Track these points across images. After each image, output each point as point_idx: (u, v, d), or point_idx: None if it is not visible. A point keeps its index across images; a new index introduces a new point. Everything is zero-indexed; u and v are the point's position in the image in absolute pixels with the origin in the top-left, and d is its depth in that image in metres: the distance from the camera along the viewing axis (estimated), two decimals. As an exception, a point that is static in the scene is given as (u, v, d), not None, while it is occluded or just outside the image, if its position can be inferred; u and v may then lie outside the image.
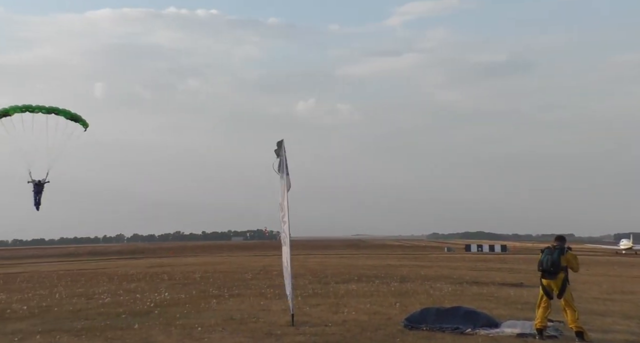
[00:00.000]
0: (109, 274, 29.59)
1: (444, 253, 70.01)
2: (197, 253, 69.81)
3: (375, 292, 17.97)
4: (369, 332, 10.85)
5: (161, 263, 43.48)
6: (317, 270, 29.36)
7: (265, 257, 52.33)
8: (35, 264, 49.16)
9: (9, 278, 28.24)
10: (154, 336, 10.68)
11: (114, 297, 17.82)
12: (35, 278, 28.30)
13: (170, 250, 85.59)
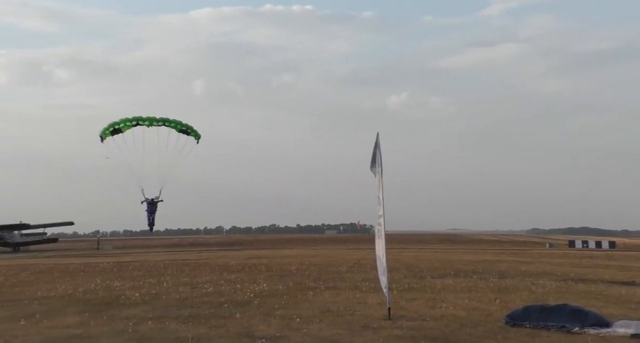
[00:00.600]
0: (211, 265, 30.88)
1: (545, 249, 66.98)
2: (292, 246, 71.23)
3: (473, 288, 17.54)
4: (468, 327, 10.63)
5: (258, 255, 44.80)
6: (412, 264, 29.07)
7: (359, 250, 52.49)
8: (144, 254, 52.25)
9: (122, 267, 30.22)
10: (254, 325, 11.05)
11: (216, 286, 18.59)
12: (144, 267, 30.08)
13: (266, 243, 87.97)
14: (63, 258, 45.01)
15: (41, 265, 34.45)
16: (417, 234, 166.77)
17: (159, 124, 21.41)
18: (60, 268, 29.88)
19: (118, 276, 23.98)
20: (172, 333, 10.27)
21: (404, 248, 55.89)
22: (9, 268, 31.50)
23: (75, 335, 10.24)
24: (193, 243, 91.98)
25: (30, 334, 10.34)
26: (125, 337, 9.98)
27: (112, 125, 21.43)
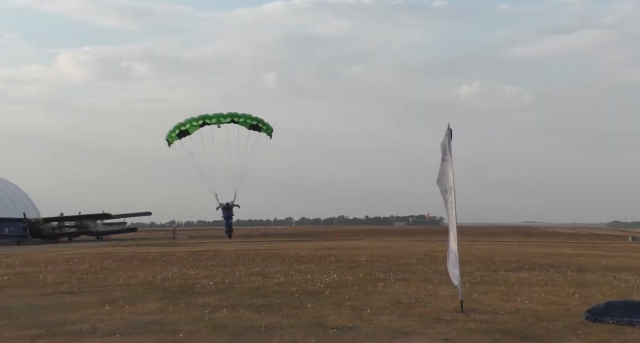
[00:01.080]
0: (281, 255, 31.37)
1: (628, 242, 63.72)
2: (361, 237, 71.26)
3: (550, 281, 16.95)
4: (546, 322, 10.29)
5: (328, 246, 45.10)
6: (484, 257, 28.40)
7: (429, 242, 51.83)
8: (217, 243, 53.74)
9: (196, 256, 31.22)
10: (326, 316, 11.15)
11: (287, 276, 18.89)
12: (217, 256, 30.94)
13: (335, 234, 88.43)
14: (142, 247, 47.00)
15: (122, 253, 36.13)
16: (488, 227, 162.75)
17: (227, 121, 21.10)
18: (139, 257, 31.22)
19: (193, 265, 24.79)
20: (245, 322, 10.52)
21: (475, 240, 54.72)
22: (93, 255, 33.22)
23: (156, 321, 10.68)
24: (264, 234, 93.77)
25: (115, 319, 10.87)
26: (202, 324, 10.32)
27: (177, 127, 21.30)
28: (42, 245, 56.91)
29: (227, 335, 9.32)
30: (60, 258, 31.82)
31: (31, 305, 13.02)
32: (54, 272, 21.99)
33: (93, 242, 65.91)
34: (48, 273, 21.36)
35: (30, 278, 19.70)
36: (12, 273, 21.99)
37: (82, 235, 74.77)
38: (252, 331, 9.65)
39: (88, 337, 9.28)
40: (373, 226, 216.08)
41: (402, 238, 66.14)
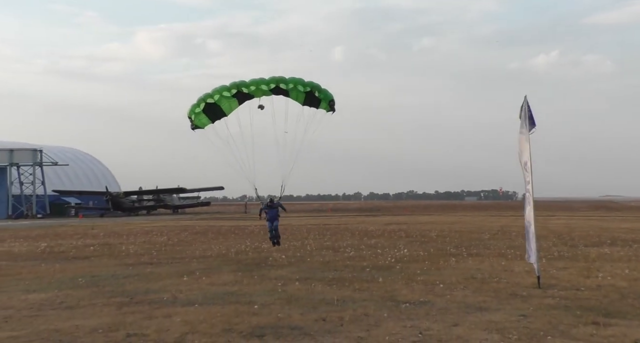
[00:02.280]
0: (351, 230, 31.53)
1: None
2: (431, 212, 70.47)
3: (634, 257, 16.18)
4: (631, 299, 9.85)
5: (397, 220, 44.91)
6: (562, 232, 27.43)
7: (502, 217, 50.57)
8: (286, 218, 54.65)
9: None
10: (397, 290, 11.12)
11: (357, 251, 18.97)
12: (288, 230, 31.45)
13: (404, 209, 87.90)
14: (215, 221, 48.48)
15: (197, 226, 37.43)
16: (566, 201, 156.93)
17: (271, 87, 15.51)
18: (213, 230, 32.25)
19: (265, 239, 25.29)
20: (318, 295, 10.66)
21: (551, 215, 52.90)
22: (170, 228, 34.62)
23: (231, 292, 11.01)
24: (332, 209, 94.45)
25: (193, 290, 11.30)
26: (276, 296, 10.54)
27: (202, 100, 15.70)
28: (123, 218, 59.83)
29: (300, 307, 9.48)
30: (140, 230, 33.36)
31: (116, 275, 13.74)
32: (135, 244, 23.08)
33: (169, 216, 68.58)
34: (130, 245, 22.46)
35: (114, 249, 20.76)
36: (98, 243, 23.26)
37: (160, 209, 77.94)
38: (325, 304, 9.77)
39: (169, 306, 9.70)
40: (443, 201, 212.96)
41: (474, 213, 64.89)
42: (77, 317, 8.85)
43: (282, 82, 16.02)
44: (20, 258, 18.27)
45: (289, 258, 17.00)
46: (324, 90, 16.62)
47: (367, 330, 7.89)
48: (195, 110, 16.41)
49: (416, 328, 7.97)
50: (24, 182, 68.01)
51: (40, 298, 10.55)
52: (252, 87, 15.87)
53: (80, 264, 16.23)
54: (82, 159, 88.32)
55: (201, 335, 7.63)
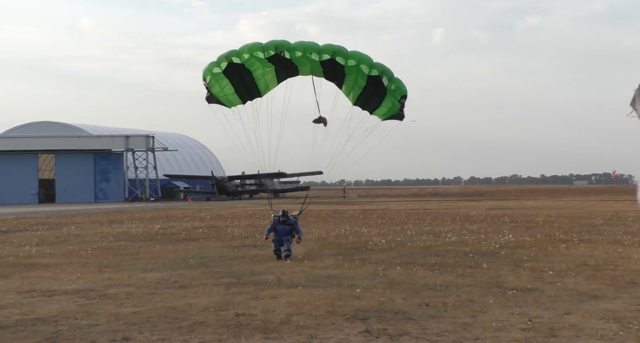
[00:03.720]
0: (451, 214, 30.89)
1: None
2: (537, 197, 67.43)
3: None
4: None
5: (500, 205, 43.44)
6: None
7: (616, 202, 47.42)
8: (385, 202, 54.55)
9: (366, 214, 32.00)
10: (503, 276, 10.78)
11: (459, 236, 18.57)
12: (387, 215, 31.41)
13: (508, 193, 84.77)
14: (314, 205, 49.30)
15: (297, 210, 38.23)
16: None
17: (324, 58, 11.35)
18: (313, 214, 32.79)
19: (364, 223, 25.43)
20: (420, 279, 10.56)
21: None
22: (272, 213, 35.62)
23: (333, 275, 11.17)
24: (432, 193, 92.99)
25: (296, 272, 11.57)
26: (377, 280, 10.56)
27: (225, 59, 11.61)
28: (228, 202, 62.34)
29: (402, 291, 9.44)
30: (244, 213, 34.62)
31: (223, 256, 14.36)
32: (240, 227, 23.99)
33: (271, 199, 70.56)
34: (234, 228, 23.38)
35: (220, 232, 21.70)
36: (205, 226, 24.42)
37: (261, 193, 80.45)
38: (428, 289, 9.66)
39: (274, 287, 10.00)
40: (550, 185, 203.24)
41: (584, 198, 61.37)
42: (190, 296, 9.35)
43: (341, 54, 11.65)
44: (137, 239, 19.57)
45: (389, 242, 16.96)
46: (396, 80, 12.12)
47: (473, 316, 7.72)
48: (214, 70, 11.92)
49: (525, 315, 7.70)
50: (138, 166, 72.57)
51: (156, 277, 11.24)
52: (298, 52, 11.63)
53: (190, 246, 17.11)
54: (189, 145, 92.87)
55: (306, 316, 7.80)
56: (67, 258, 14.26)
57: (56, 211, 42.46)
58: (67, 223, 27.36)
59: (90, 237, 20.13)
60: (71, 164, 70.68)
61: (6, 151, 69.80)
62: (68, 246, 17.17)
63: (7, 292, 9.87)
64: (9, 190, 67.85)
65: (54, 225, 26.33)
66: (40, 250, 16.12)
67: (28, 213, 39.49)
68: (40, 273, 11.87)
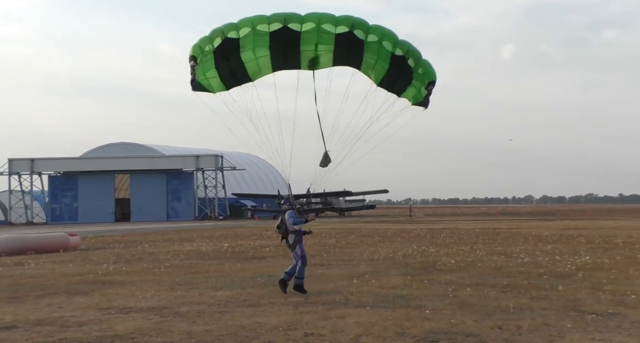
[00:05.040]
0: (523, 234, 29.89)
1: None
2: (615, 217, 64.20)
3: None
4: None
5: (576, 225, 41.63)
6: None
7: None
8: (453, 221, 53.44)
9: (434, 234, 31.45)
10: (581, 299, 10.30)
11: (532, 257, 17.92)
12: (455, 234, 30.74)
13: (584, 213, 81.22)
14: (380, 224, 48.96)
15: (363, 229, 38.10)
16: None
17: (338, 33, 9.77)
18: (379, 233, 32.58)
19: (432, 242, 24.99)
20: (492, 301, 10.26)
21: None
22: (338, 231, 35.64)
23: (401, 295, 11.02)
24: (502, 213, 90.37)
25: (363, 292, 11.50)
26: (447, 301, 10.34)
27: (220, 33, 9.85)
28: (294, 221, 62.78)
29: (474, 313, 9.19)
30: (310, 232, 34.77)
31: (290, 275, 14.44)
32: (306, 245, 24.00)
33: (336, 218, 70.66)
34: (301, 246, 23.50)
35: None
36: (272, 245, 24.70)
37: (327, 211, 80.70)
38: (500, 311, 9.37)
39: (342, 307, 9.97)
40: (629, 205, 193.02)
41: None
42: (259, 315, 9.47)
43: (361, 27, 9.99)
44: (207, 257, 20.04)
45: (458, 262, 16.58)
46: (424, 63, 10.45)
47: (550, 340, 7.42)
48: (205, 47, 9.99)
49: (606, 341, 7.33)
50: (207, 185, 74.56)
51: (226, 295, 11.46)
52: (311, 23, 9.76)
53: (258, 264, 17.36)
54: (256, 164, 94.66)
55: (375, 337, 7.73)
56: (142, 276, 14.77)
57: (131, 229, 44.19)
58: (142, 242, 28.38)
59: (163, 255, 20.79)
60: (145, 184, 73.50)
61: (87, 172, 73.46)
62: (142, 264, 17.80)
63: (87, 309, 10.32)
64: (90, 210, 71.24)
65: (130, 243, 27.38)
66: (117, 267, 16.78)
67: (105, 231, 41.30)
68: (117, 291, 12.36)
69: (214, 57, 10.26)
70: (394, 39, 10.39)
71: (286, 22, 9.98)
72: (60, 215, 73.12)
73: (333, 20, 10.08)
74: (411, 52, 10.47)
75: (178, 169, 75.00)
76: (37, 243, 23.17)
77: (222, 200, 75.16)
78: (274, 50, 10.34)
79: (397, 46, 10.36)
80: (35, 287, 13.05)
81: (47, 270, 16.34)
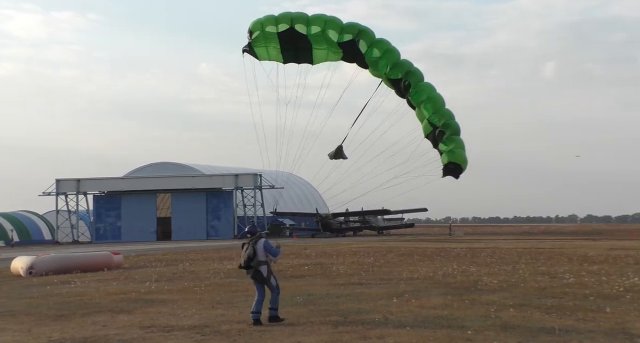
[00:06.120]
0: (567, 254, 29.10)
1: None
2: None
3: None
4: None
5: (623, 245, 40.29)
6: None
7: None
8: (494, 240, 52.41)
9: (474, 253, 30.91)
10: (630, 322, 9.98)
11: (577, 277, 17.44)
12: (497, 254, 30.15)
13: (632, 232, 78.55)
14: (419, 242, 48.39)
15: (402, 248, 37.73)
16: None
17: (339, 42, 10.02)
18: (418, 252, 32.21)
19: (472, 262, 24.57)
20: (536, 323, 10.03)
21: None
22: (377, 249, 35.40)
23: (442, 316, 10.88)
24: (544, 232, 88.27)
25: (403, 312, 11.40)
26: (489, 322, 10.15)
27: (288, 19, 10.31)
28: (332, 238, 62.77)
29: (517, 335, 9.00)
30: (349, 251, 34.67)
31: (329, 294, 14.45)
32: (345, 264, 24.04)
33: (375, 237, 70.20)
34: (340, 265, 23.47)
35: (326, 269, 21.86)
36: (311, 263, 24.72)
37: (365, 230, 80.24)
38: (545, 333, 9.15)
39: (381, 327, 9.90)
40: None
41: None
42: (298, 334, 9.48)
43: (365, 38, 10.00)
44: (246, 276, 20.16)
45: (500, 283, 16.26)
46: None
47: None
48: (267, 28, 10.32)
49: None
50: (247, 204, 75.24)
51: (265, 314, 11.51)
52: (316, 26, 9.92)
53: (297, 283, 17.38)
54: (294, 182, 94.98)
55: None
56: (183, 294, 14.99)
57: (172, 248, 44.87)
58: (182, 260, 28.79)
59: (203, 273, 21.03)
60: (186, 203, 74.64)
61: (129, 191, 75.14)
62: (183, 282, 18.05)
63: (131, 327, 10.53)
64: (132, 229, 72.74)
65: (171, 262, 27.81)
66: (158, 286, 17.07)
67: (147, 250, 42.04)
68: (159, 309, 12.57)
69: (277, 37, 10.61)
70: (394, 59, 10.50)
71: (292, 23, 10.42)
72: (105, 234, 74.80)
73: (338, 26, 10.56)
74: (405, 69, 10.59)
75: (218, 187, 75.96)
76: (82, 262, 23.79)
77: (260, 219, 75.70)
78: (282, 39, 10.72)
79: (395, 68, 10.51)
80: (81, 305, 13.39)
81: (92, 289, 16.75)
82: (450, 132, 10.54)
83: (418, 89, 10.16)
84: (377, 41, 10.20)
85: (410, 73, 10.27)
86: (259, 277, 10.33)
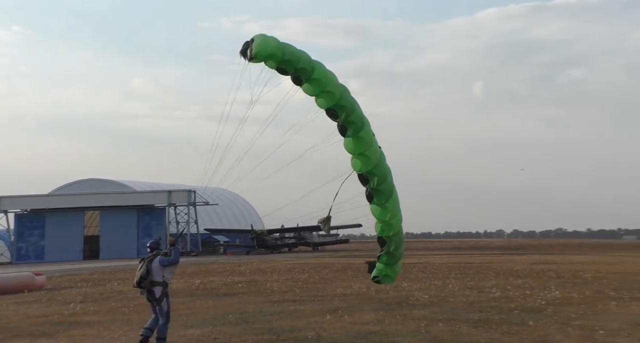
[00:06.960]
0: (495, 269, 30.11)
1: None
2: (583, 252, 65.15)
3: None
4: None
5: (545, 260, 42.08)
6: None
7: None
8: (426, 256, 53.54)
9: (407, 268, 31.39)
10: (551, 335, 10.42)
11: (503, 291, 18.07)
12: (428, 269, 30.80)
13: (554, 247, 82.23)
14: (354, 258, 48.76)
15: (337, 264, 37.92)
16: None
17: (328, 106, 10.22)
18: (353, 268, 32.43)
19: (404, 277, 24.94)
20: (463, 337, 10.30)
21: None
22: (312, 266, 35.40)
23: (374, 331, 10.99)
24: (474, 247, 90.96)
25: (336, 328, 11.44)
26: (419, 337, 10.34)
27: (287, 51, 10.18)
28: (267, 255, 62.29)
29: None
30: (283, 267, 34.50)
31: (262, 311, 14.32)
32: (279, 281, 23.90)
33: (310, 253, 70.17)
34: (274, 282, 23.31)
35: (260, 286, 21.65)
36: (245, 280, 24.42)
37: (300, 246, 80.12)
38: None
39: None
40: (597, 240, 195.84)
41: (635, 254, 58.97)
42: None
43: (344, 108, 10.23)
44: (178, 294, 19.66)
45: (430, 298, 16.63)
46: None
47: (520, 378, 7.45)
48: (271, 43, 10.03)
49: (575, 378, 7.38)
50: (180, 221, 73.62)
51: (196, 334, 11.28)
52: (302, 63, 10.16)
53: (230, 301, 17.13)
54: (229, 198, 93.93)
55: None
56: (110, 316, 14.45)
57: (100, 267, 43.20)
58: (110, 280, 27.77)
59: (132, 293, 20.31)
60: (115, 220, 72.16)
61: (55, 209, 71.93)
62: (111, 303, 17.42)
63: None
64: (57, 248, 69.43)
65: (98, 282, 26.76)
66: (84, 307, 16.38)
67: (73, 270, 40.29)
68: (84, 331, 12.06)
69: None
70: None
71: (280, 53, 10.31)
72: (27, 254, 71.06)
73: (332, 86, 10.73)
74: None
75: (150, 204, 73.98)
76: (0, 283, 22.48)
77: (194, 236, 74.16)
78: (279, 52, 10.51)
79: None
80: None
81: (11, 312, 15.87)
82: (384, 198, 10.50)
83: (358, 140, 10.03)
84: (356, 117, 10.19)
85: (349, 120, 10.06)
86: (151, 298, 10.00)
